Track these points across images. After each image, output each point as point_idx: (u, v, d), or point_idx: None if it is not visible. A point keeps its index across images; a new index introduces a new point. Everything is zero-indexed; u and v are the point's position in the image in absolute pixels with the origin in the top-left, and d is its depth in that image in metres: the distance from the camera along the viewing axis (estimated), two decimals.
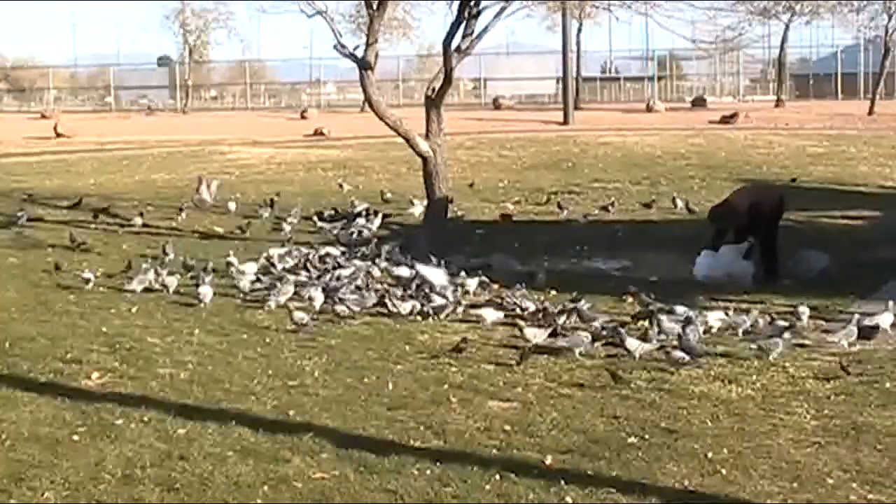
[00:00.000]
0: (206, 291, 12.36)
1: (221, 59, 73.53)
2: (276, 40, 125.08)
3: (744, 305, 11.79)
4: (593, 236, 17.33)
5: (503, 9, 16.93)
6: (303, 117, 48.51)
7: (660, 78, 65.57)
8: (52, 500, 6.55)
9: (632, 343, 9.96)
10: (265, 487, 6.70)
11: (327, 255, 14.79)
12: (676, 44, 63.04)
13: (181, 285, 12.94)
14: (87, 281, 13.13)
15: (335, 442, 7.45)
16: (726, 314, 11.21)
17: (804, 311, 11.20)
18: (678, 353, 9.60)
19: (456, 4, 16.22)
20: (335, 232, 17.36)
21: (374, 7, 16.95)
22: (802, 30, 62.06)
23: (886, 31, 48.90)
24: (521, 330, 10.55)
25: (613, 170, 26.48)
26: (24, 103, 68.32)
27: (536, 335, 10.38)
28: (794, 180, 23.31)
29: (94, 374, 9.25)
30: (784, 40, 52.64)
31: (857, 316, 10.70)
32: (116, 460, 7.12)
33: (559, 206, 19.95)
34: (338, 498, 6.57)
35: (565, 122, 43.29)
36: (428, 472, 6.91)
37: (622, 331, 10.27)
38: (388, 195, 21.25)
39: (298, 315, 11.24)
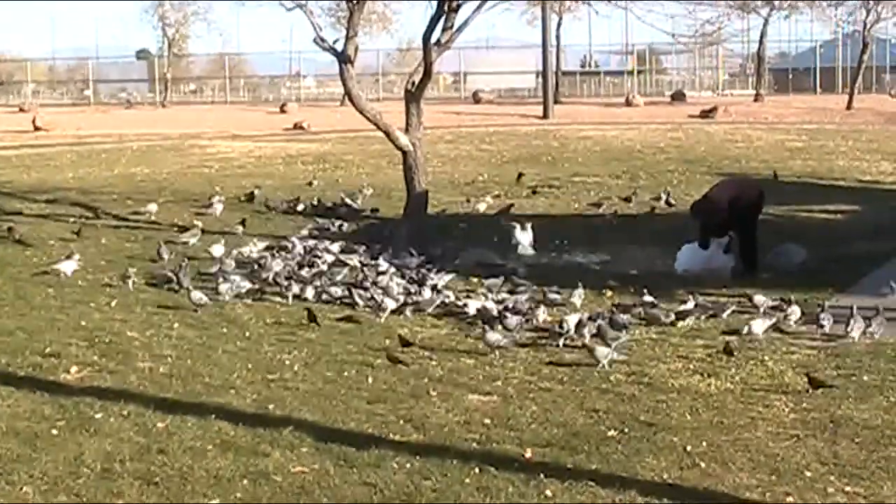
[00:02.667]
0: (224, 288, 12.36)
1: (201, 52, 73.33)
2: (256, 34, 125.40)
3: (723, 299, 11.84)
4: (573, 230, 17.35)
5: (483, 2, 16.91)
6: (282, 111, 48.40)
7: (639, 72, 65.73)
8: (30, 495, 6.52)
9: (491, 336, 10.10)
10: (245, 481, 6.69)
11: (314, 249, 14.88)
12: (656, 38, 63.30)
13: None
14: (57, 273, 13.20)
15: (315, 436, 7.45)
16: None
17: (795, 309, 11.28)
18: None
19: None
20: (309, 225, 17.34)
21: (354, 0, 16.93)
22: (781, 24, 62.46)
23: (864, 26, 49.15)
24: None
25: (593, 164, 26.51)
26: (1, 97, 67.98)
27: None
28: (776, 176, 23.34)
29: (73, 368, 9.23)
30: (763, 35, 52.79)
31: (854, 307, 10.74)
32: (95, 454, 7.11)
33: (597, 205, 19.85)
34: (317, 491, 6.57)
35: (545, 116, 43.32)
36: (408, 465, 6.92)
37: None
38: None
39: (196, 295, 11.60)
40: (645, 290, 11.93)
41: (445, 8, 16.07)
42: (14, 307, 11.76)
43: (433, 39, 16.14)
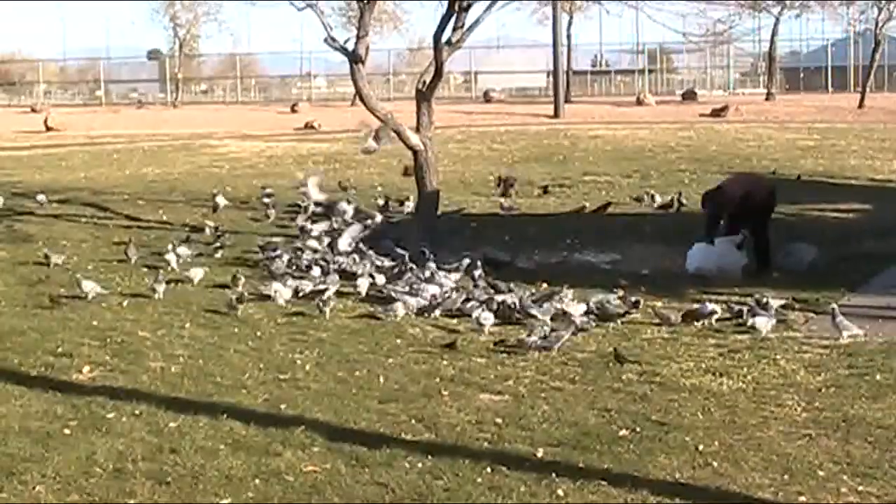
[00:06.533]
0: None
1: (212, 52, 73.52)
2: (267, 34, 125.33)
3: (735, 298, 11.80)
4: (584, 229, 17.34)
5: (494, 2, 16.91)
6: (293, 111, 48.47)
7: (650, 71, 65.71)
8: (43, 494, 6.53)
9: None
10: (256, 481, 6.70)
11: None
12: (667, 37, 63.32)
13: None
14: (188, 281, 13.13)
15: (326, 435, 7.45)
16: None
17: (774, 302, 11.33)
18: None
19: None
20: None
21: (365, 0, 16.94)
22: (793, 23, 62.36)
23: (876, 24, 49.08)
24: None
25: (604, 163, 26.49)
26: (13, 97, 68.17)
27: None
28: (799, 177, 23.12)
29: (85, 368, 9.24)
30: (774, 34, 52.75)
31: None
32: (108, 454, 7.11)
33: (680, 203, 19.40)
34: (329, 491, 6.57)
35: (556, 116, 43.33)
36: (419, 465, 6.91)
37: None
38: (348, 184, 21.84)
39: (87, 284, 11.97)
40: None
41: (456, 7, 16.07)
42: (26, 307, 11.78)
43: (444, 39, 16.14)
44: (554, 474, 6.73)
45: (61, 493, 6.54)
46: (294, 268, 13.70)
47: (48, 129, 40.87)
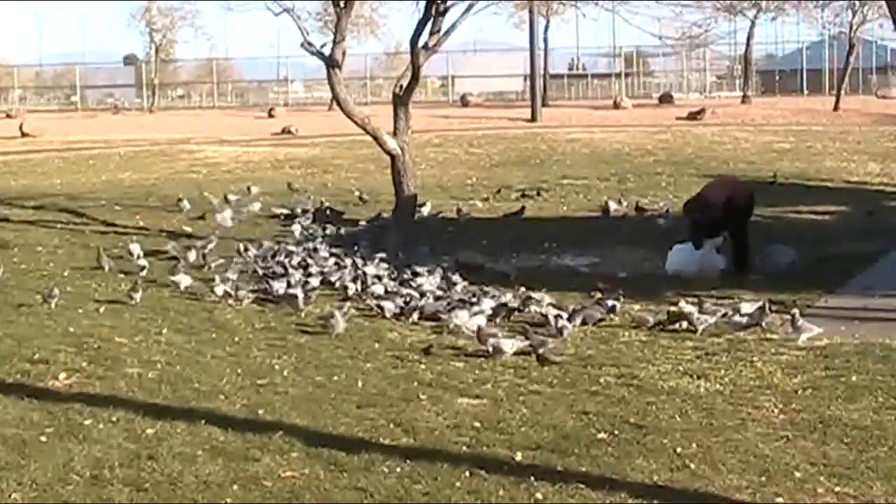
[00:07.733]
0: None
1: (188, 57, 73.61)
2: (243, 38, 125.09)
3: (711, 301, 11.81)
4: (561, 233, 17.36)
5: (470, 6, 16.95)
6: (270, 116, 48.38)
7: (627, 75, 65.83)
8: (19, 502, 6.50)
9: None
10: (235, 487, 6.68)
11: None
12: (643, 40, 63.30)
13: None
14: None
15: (305, 440, 7.44)
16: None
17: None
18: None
19: (423, 2, 16.24)
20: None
21: (342, 5, 16.95)
22: (768, 26, 62.74)
23: (850, 28, 49.30)
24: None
25: (581, 166, 26.54)
26: None
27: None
28: (772, 183, 23.09)
29: (62, 375, 9.20)
30: (750, 37, 52.92)
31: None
32: (85, 461, 7.08)
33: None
34: (308, 496, 6.55)
35: (533, 119, 43.43)
36: (398, 469, 6.91)
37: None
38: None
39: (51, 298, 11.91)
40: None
41: (433, 11, 16.10)
42: (2, 313, 11.72)
43: (421, 43, 16.16)
44: (532, 477, 6.74)
45: (38, 501, 6.51)
46: (273, 271, 13.73)
47: (24, 134, 40.71)
